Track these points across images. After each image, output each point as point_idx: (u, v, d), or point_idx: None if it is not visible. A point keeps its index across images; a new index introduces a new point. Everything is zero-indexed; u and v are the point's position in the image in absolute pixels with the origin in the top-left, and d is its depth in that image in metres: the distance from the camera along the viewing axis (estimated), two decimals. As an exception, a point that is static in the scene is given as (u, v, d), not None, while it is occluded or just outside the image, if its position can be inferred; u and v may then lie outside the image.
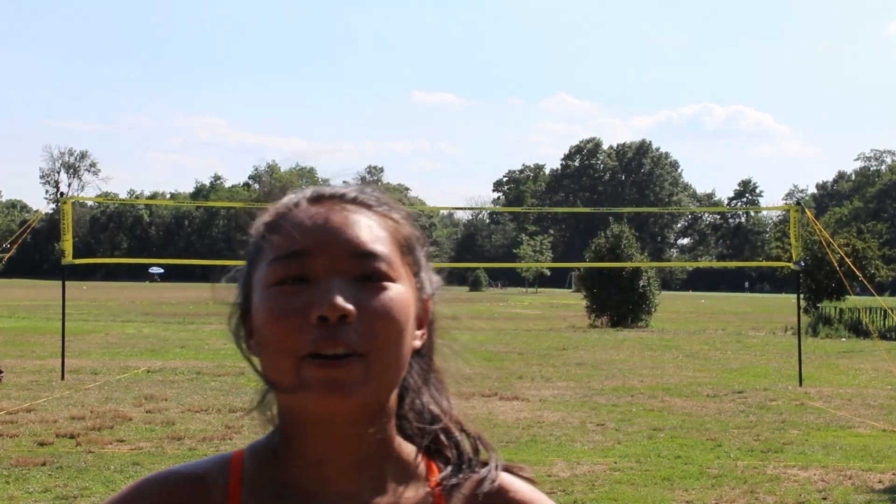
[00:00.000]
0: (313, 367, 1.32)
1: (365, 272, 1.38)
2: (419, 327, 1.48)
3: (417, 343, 1.47)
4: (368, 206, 1.47)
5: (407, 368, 1.45)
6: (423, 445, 1.51)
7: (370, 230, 1.42)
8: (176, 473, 1.49)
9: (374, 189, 1.52)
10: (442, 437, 1.54)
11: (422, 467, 1.51)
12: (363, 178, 1.67)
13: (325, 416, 1.38)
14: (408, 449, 1.51)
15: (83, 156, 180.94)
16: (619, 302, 44.56)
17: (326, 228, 1.40)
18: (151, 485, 1.49)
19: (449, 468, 1.51)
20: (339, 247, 1.38)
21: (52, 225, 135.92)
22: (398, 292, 1.39)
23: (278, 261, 1.39)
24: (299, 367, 1.33)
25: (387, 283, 1.38)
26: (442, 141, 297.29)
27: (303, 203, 1.47)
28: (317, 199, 1.47)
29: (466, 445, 1.54)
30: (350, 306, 1.33)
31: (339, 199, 1.46)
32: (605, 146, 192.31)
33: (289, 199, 1.50)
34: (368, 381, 1.34)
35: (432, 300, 1.54)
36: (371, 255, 1.39)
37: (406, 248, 1.47)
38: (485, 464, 1.53)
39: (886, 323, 37.11)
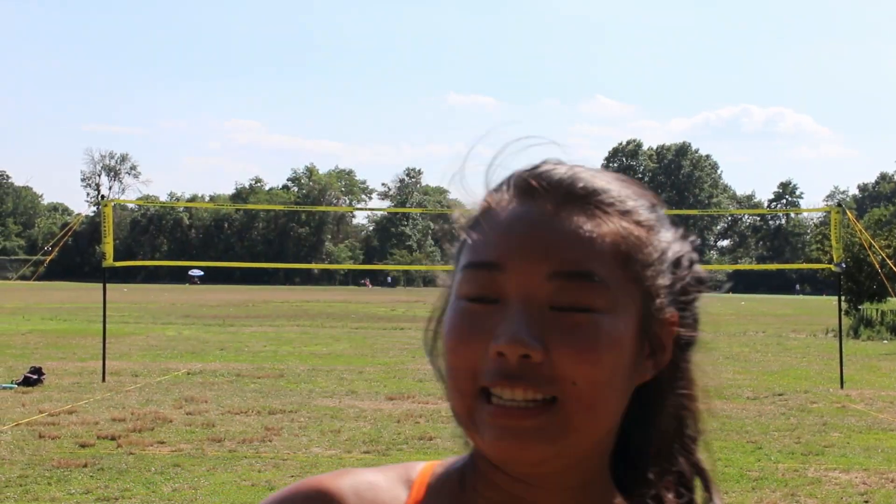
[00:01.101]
0: (489, 408, 1.11)
1: (566, 299, 1.11)
2: (652, 354, 1.19)
3: (649, 374, 1.20)
4: (595, 203, 1.16)
5: (625, 406, 1.18)
6: (648, 495, 1.26)
7: (584, 242, 1.12)
8: (360, 479, 1.25)
9: (615, 177, 1.21)
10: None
11: None
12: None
13: (502, 464, 1.16)
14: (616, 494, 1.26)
15: (123, 159, 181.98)
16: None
17: (525, 237, 1.13)
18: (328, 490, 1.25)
19: None
20: (537, 265, 1.11)
21: (93, 228, 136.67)
22: (607, 325, 1.11)
23: (468, 269, 1.16)
24: (475, 402, 1.13)
25: (592, 315, 1.11)
26: (479, 143, 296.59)
27: (510, 193, 1.19)
28: (528, 190, 1.18)
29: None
30: (536, 345, 1.09)
31: (556, 191, 1.16)
32: (644, 147, 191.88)
33: (507, 181, 1.22)
34: (557, 434, 1.10)
35: (682, 317, 1.22)
36: (578, 278, 1.11)
37: (636, 262, 1.16)
38: None
39: (929, 325, 36.83)
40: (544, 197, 1.16)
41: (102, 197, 23.04)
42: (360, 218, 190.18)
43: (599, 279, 1.11)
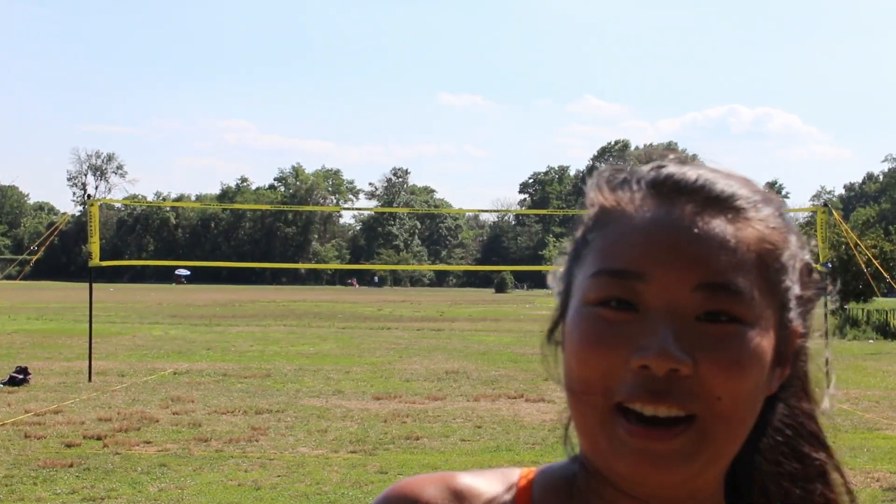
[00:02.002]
0: (628, 427, 1.04)
1: (711, 310, 1.04)
2: (779, 364, 1.14)
3: (775, 386, 1.15)
4: (737, 209, 1.10)
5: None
6: None
7: (731, 252, 1.06)
8: (461, 487, 1.18)
9: (741, 176, 1.16)
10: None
11: None
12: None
13: (635, 484, 1.09)
14: None
15: (110, 158, 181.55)
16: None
17: (670, 245, 1.06)
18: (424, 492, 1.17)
19: None
20: (684, 274, 1.05)
21: (79, 227, 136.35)
22: (754, 338, 1.06)
23: (601, 275, 1.08)
24: (607, 418, 1.05)
25: (740, 327, 1.05)
26: (468, 143, 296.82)
27: (646, 194, 1.12)
28: (666, 192, 1.11)
29: None
30: (687, 358, 1.02)
31: (697, 193, 1.10)
32: (632, 147, 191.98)
33: (632, 175, 1.16)
34: (699, 455, 1.04)
35: (805, 327, 1.19)
36: (725, 288, 1.05)
37: (774, 271, 1.10)
38: None
39: (915, 325, 36.94)
40: (685, 200, 1.09)
41: (89, 196, 22.89)
42: (347, 217, 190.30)
43: (746, 290, 1.06)
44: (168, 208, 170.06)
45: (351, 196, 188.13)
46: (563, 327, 1.14)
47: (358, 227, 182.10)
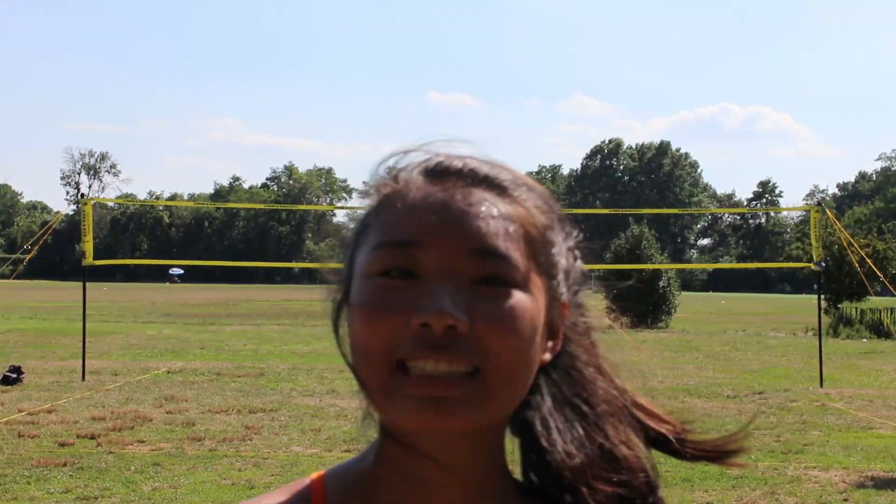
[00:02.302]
0: (412, 378, 1.11)
1: (485, 274, 1.14)
2: (551, 337, 1.24)
3: (547, 356, 1.24)
4: (502, 189, 1.21)
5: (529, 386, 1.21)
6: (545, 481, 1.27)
7: (498, 222, 1.16)
8: None
9: (507, 165, 1.26)
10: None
11: None
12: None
13: (422, 433, 1.16)
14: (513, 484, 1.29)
15: (103, 157, 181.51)
16: (638, 303, 44.41)
17: (443, 216, 1.16)
18: None
19: None
20: (457, 241, 1.14)
21: (72, 226, 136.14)
22: (524, 300, 1.15)
23: (382, 248, 1.17)
24: (393, 375, 1.12)
25: (511, 290, 1.14)
26: (458, 142, 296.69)
27: (419, 178, 1.21)
28: (437, 175, 1.21)
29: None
30: (462, 316, 1.10)
31: (466, 176, 1.20)
32: (624, 147, 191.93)
33: (406, 167, 1.25)
34: (479, 403, 1.12)
35: (572, 303, 1.28)
36: (495, 254, 1.14)
37: (540, 244, 1.20)
38: None
39: (908, 323, 36.95)
40: (456, 179, 1.20)
41: (82, 195, 22.76)
42: (341, 216, 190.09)
43: (514, 256, 1.15)
44: (161, 207, 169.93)
45: (344, 195, 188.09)
46: (347, 309, 1.22)
47: (352, 226, 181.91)
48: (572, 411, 1.27)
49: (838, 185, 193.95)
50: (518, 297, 1.14)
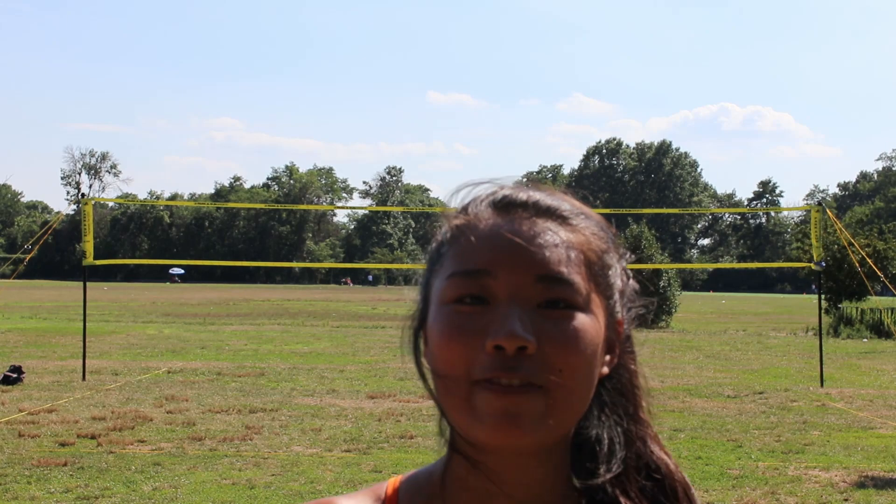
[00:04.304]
0: (488, 396, 1.20)
1: (550, 298, 1.24)
2: (609, 352, 1.34)
3: (605, 370, 1.33)
4: (563, 218, 1.31)
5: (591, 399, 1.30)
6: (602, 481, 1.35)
7: (560, 249, 1.26)
8: None
9: (567, 195, 1.37)
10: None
11: None
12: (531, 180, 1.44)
13: (496, 448, 1.26)
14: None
15: (104, 157, 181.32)
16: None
17: (511, 246, 1.25)
18: None
19: None
20: (524, 269, 1.24)
21: (73, 226, 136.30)
22: (586, 321, 1.25)
23: (456, 277, 1.26)
24: (471, 393, 1.22)
25: (573, 312, 1.24)
26: (458, 142, 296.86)
27: (487, 210, 1.31)
28: (504, 207, 1.31)
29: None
30: (530, 338, 1.20)
31: (530, 207, 1.30)
32: (624, 146, 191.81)
33: (474, 200, 1.34)
34: (547, 416, 1.21)
35: (627, 320, 1.38)
36: (559, 280, 1.24)
37: (599, 267, 1.31)
38: None
39: (908, 323, 36.94)
40: (520, 211, 1.30)
41: (82, 195, 22.70)
42: (341, 216, 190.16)
43: (575, 281, 1.25)
44: (162, 207, 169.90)
45: (345, 195, 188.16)
46: (426, 332, 1.33)
47: (352, 226, 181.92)
48: (620, 419, 1.37)
49: (839, 185, 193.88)
50: (580, 318, 1.25)
